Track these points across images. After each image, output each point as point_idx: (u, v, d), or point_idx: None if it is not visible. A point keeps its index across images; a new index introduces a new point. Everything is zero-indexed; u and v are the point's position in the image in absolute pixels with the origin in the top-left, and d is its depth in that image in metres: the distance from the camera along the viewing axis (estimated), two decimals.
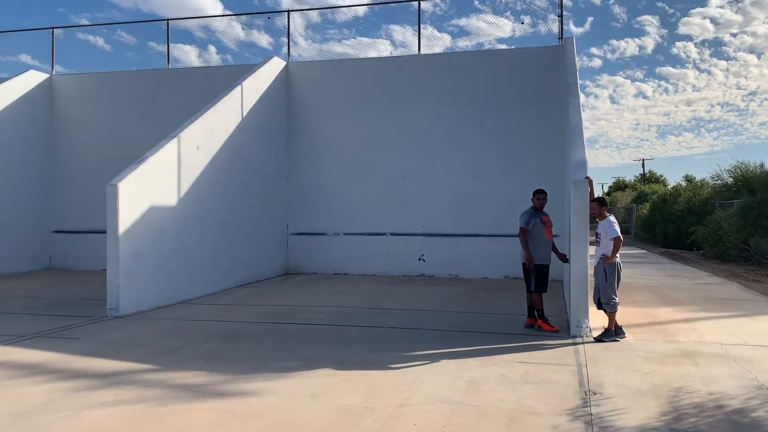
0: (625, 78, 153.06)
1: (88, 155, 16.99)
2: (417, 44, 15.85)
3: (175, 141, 11.26)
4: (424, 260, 15.23)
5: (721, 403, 5.26)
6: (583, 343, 7.57)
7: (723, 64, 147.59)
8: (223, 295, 11.97)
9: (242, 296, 11.86)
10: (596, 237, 8.00)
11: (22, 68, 19.51)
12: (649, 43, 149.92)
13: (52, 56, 17.66)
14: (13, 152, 16.06)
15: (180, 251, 11.26)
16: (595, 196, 7.99)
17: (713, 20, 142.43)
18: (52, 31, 17.68)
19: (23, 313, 9.92)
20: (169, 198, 11.07)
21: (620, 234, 7.67)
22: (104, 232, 9.82)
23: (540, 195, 8.59)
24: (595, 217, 7.93)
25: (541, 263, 8.36)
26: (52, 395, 5.53)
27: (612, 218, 7.84)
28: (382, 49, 43.90)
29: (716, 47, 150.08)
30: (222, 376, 6.20)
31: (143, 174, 10.35)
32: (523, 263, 8.44)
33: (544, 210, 8.63)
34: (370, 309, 10.35)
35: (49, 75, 17.46)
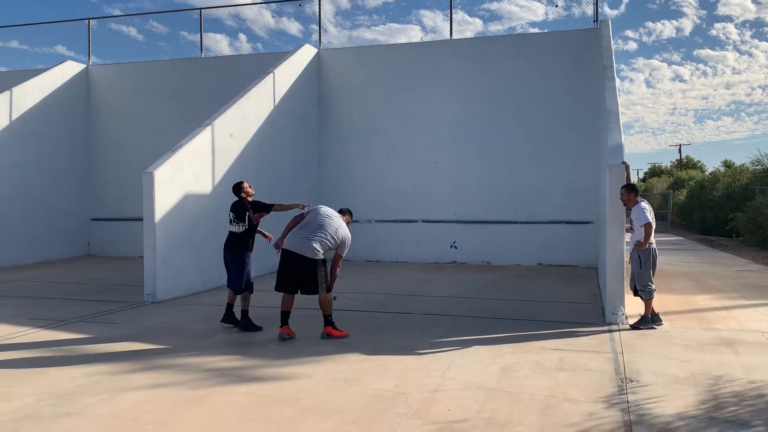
0: (661, 61, 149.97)
1: (125, 143, 17.27)
2: (448, 29, 15.71)
3: (209, 129, 11.37)
4: (456, 247, 15.17)
5: (763, 392, 5.13)
6: (618, 330, 7.46)
7: (765, 45, 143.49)
8: (257, 282, 12.05)
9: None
10: (630, 224, 7.87)
11: (57, 59, 19.86)
12: (687, 25, 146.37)
13: (89, 47, 17.95)
14: (52, 141, 16.41)
15: (214, 237, 11.32)
16: (624, 184, 7.83)
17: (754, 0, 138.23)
18: (88, 22, 17.97)
19: (63, 299, 10.18)
20: (204, 185, 11.20)
21: (651, 220, 7.49)
22: (141, 219, 10.01)
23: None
24: (625, 204, 7.78)
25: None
26: (92, 378, 5.66)
27: (644, 204, 7.65)
28: (412, 34, 43.67)
29: (757, 28, 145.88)
30: (257, 360, 6.27)
31: (178, 162, 10.49)
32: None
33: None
34: (403, 295, 10.36)
35: (85, 65, 17.77)
